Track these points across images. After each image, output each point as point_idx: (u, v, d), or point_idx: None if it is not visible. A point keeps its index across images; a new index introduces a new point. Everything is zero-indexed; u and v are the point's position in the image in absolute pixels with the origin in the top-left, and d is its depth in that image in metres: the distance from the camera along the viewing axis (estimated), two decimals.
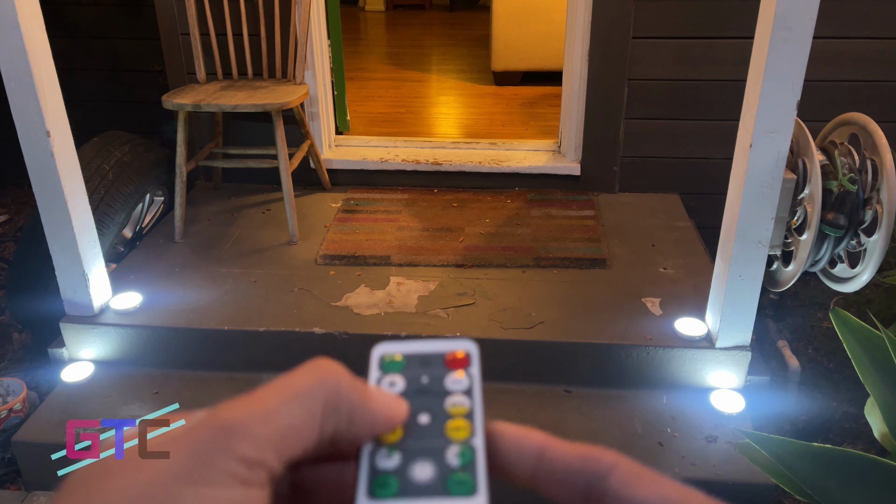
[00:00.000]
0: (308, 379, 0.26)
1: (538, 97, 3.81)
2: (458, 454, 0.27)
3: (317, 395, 0.26)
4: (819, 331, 2.14)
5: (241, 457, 0.24)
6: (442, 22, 6.26)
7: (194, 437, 0.24)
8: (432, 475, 0.26)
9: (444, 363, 0.30)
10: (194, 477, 0.23)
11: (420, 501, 0.26)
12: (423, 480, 0.26)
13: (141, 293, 2.00)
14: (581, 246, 2.26)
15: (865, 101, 2.40)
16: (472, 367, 0.30)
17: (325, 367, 0.27)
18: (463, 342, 0.31)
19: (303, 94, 2.25)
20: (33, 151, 1.70)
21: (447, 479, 0.26)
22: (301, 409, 0.26)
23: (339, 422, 0.26)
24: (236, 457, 0.24)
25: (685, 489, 0.25)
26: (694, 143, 2.55)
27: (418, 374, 0.30)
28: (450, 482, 0.26)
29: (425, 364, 0.30)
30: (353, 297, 2.00)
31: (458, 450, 0.27)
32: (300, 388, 0.26)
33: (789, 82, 1.49)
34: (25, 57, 1.60)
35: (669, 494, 0.25)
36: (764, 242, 1.65)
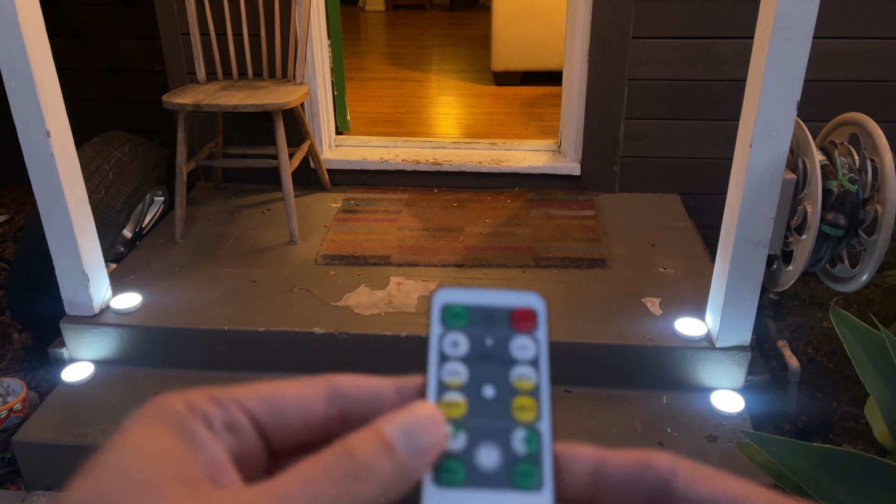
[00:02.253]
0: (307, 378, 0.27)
1: (538, 97, 3.81)
2: (525, 440, 0.26)
3: (318, 380, 0.27)
4: (819, 331, 2.14)
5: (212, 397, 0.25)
6: (442, 22, 6.26)
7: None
8: (498, 462, 0.25)
9: (510, 321, 0.28)
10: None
11: (486, 493, 0.25)
12: (489, 468, 0.25)
13: (141, 293, 2.00)
14: (581, 246, 2.26)
15: (865, 100, 2.40)
16: (538, 329, 0.28)
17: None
18: (529, 296, 0.29)
19: (303, 94, 2.25)
20: (33, 151, 1.70)
21: (513, 468, 0.25)
22: (296, 383, 0.26)
23: (347, 400, 0.26)
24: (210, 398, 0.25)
25: (750, 485, 0.24)
26: (694, 143, 2.55)
27: (482, 333, 0.28)
28: (516, 472, 0.25)
29: (489, 321, 0.28)
30: (353, 297, 2.00)
31: (525, 434, 0.26)
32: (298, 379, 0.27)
33: (789, 82, 1.49)
34: (25, 57, 1.60)
35: (738, 490, 0.24)
36: (764, 242, 1.65)
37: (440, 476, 0.25)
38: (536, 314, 0.28)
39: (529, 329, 0.28)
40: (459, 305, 0.29)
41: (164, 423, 0.24)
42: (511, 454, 0.25)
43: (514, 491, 0.25)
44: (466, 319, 0.28)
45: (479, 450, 0.25)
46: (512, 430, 0.26)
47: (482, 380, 0.27)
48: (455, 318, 0.28)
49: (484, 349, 0.28)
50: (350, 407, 0.27)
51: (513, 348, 0.28)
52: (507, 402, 0.26)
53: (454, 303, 0.29)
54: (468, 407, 0.26)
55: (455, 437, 0.26)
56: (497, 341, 0.28)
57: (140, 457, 0.23)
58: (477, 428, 0.26)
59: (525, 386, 0.27)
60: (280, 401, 0.26)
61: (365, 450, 0.24)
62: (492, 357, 0.27)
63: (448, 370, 0.27)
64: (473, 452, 0.25)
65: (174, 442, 0.23)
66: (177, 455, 0.23)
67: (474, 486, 0.25)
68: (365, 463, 0.23)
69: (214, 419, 0.25)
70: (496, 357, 0.27)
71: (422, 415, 0.25)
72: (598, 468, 0.26)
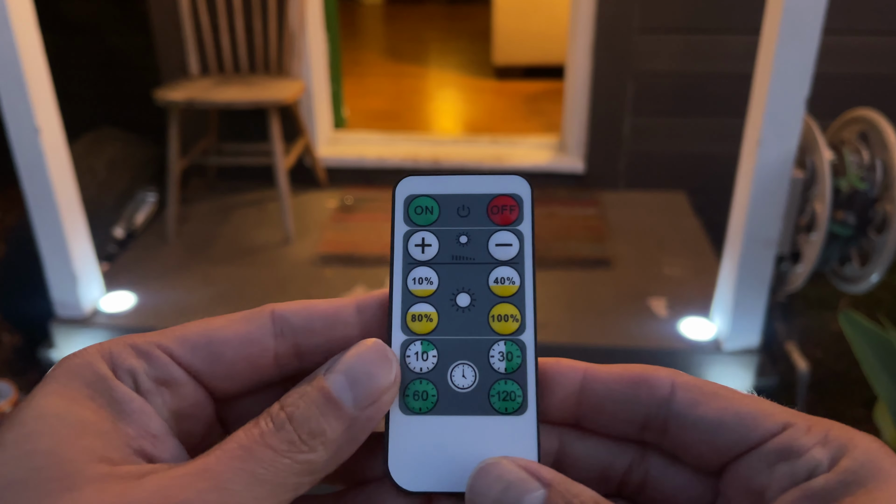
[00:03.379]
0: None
1: (541, 92, 3.76)
2: (504, 355, 0.23)
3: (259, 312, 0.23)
4: (828, 333, 2.10)
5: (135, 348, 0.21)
6: (441, 15, 6.21)
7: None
8: (474, 382, 0.22)
9: (487, 212, 0.24)
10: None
11: (461, 419, 0.22)
12: (464, 390, 0.22)
13: (133, 294, 1.97)
14: (585, 245, 2.22)
15: (876, 97, 2.36)
16: (522, 221, 0.24)
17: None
18: (511, 181, 0.25)
19: (299, 90, 2.20)
20: (23, 149, 1.67)
21: (490, 388, 0.22)
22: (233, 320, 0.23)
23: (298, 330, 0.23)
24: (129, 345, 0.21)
25: (762, 402, 0.21)
26: (701, 140, 2.51)
27: (455, 229, 0.24)
28: (493, 393, 0.22)
29: (464, 213, 0.24)
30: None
31: (504, 348, 0.23)
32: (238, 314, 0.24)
33: (798, 78, 1.46)
34: (15, 52, 1.57)
35: (747, 409, 0.21)
36: (772, 242, 1.63)
37: (408, 402, 0.22)
38: (520, 202, 0.24)
39: (511, 221, 0.24)
40: (427, 197, 0.25)
41: (80, 387, 0.20)
42: (489, 372, 0.23)
43: (492, 415, 0.22)
44: (436, 214, 0.24)
45: (453, 369, 0.23)
46: (490, 345, 0.23)
47: (455, 286, 0.23)
48: (423, 212, 0.24)
49: (457, 249, 0.24)
50: (304, 338, 0.23)
51: (491, 246, 0.24)
52: (485, 311, 0.23)
53: (421, 193, 0.25)
54: (439, 319, 0.23)
55: (424, 355, 0.23)
56: (473, 238, 0.24)
57: (51, 434, 0.19)
58: (450, 343, 0.23)
59: (506, 291, 0.23)
60: (217, 344, 0.22)
61: (306, 411, 0.20)
62: (467, 258, 0.24)
63: (415, 276, 0.24)
64: (446, 372, 0.23)
65: (94, 410, 0.20)
66: (98, 428, 0.19)
67: (447, 412, 0.22)
68: (308, 427, 0.20)
69: (141, 376, 0.21)
70: (472, 257, 0.24)
71: (367, 354, 0.22)
72: (587, 387, 0.22)
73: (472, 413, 0.22)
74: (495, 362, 0.23)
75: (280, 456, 0.19)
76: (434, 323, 0.23)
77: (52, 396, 0.20)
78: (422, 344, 0.23)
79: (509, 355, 0.23)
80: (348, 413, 0.21)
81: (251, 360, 0.23)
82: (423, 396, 0.22)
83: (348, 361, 0.21)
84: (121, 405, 0.20)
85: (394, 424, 0.22)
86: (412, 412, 0.22)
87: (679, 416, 0.22)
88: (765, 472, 0.20)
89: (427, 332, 0.23)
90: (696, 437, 0.21)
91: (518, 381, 0.22)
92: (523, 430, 0.22)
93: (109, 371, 0.21)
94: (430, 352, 0.23)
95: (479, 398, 0.22)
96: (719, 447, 0.21)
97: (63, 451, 0.18)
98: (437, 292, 0.23)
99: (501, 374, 0.23)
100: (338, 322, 0.23)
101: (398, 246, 0.24)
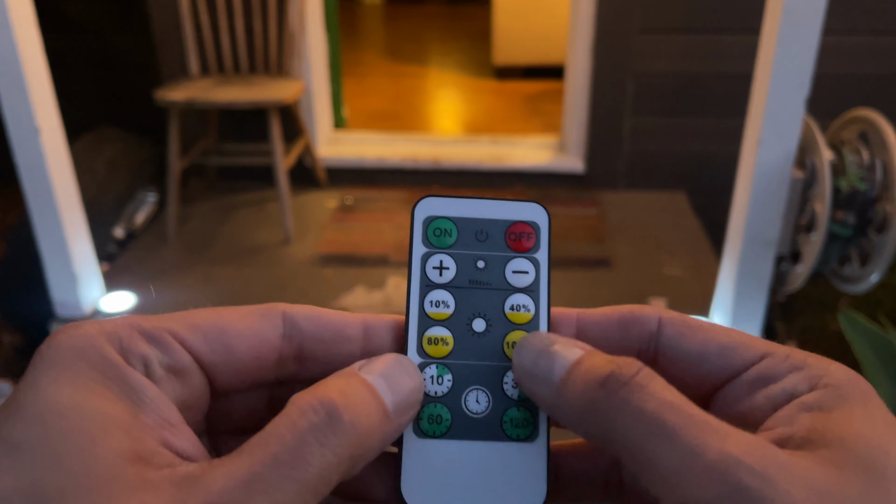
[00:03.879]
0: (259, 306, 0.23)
1: (540, 92, 3.76)
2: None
3: (272, 310, 0.23)
4: (828, 333, 2.10)
5: (145, 332, 0.20)
6: (441, 15, 6.21)
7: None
8: (487, 408, 0.23)
9: (505, 238, 0.25)
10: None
11: (474, 444, 0.22)
12: (477, 415, 0.23)
13: (133, 294, 1.97)
14: (584, 245, 2.22)
15: (875, 97, 2.36)
16: (539, 249, 0.25)
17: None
18: (530, 208, 0.25)
19: (299, 90, 2.20)
20: (23, 149, 1.67)
21: (503, 414, 0.23)
22: (246, 314, 0.23)
23: (306, 336, 0.23)
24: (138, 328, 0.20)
25: (740, 335, 0.22)
26: (701, 140, 2.51)
27: (473, 253, 0.24)
28: (506, 419, 0.23)
29: (482, 237, 0.24)
30: (350, 298, 1.96)
31: None
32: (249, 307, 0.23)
33: (797, 77, 1.47)
34: (15, 52, 1.57)
35: (727, 341, 0.22)
36: (772, 242, 1.63)
37: (423, 425, 0.22)
38: (538, 230, 0.25)
39: (529, 249, 0.25)
40: (446, 219, 0.25)
41: (92, 374, 0.18)
42: (502, 398, 0.23)
43: (504, 441, 0.22)
44: (455, 237, 0.24)
45: (467, 394, 0.23)
46: (504, 371, 0.23)
47: (472, 311, 0.24)
48: (441, 234, 0.24)
49: (474, 273, 0.24)
50: (309, 344, 0.23)
51: (508, 272, 0.24)
52: (500, 337, 0.24)
53: (441, 216, 0.25)
54: (455, 343, 0.23)
55: (440, 378, 0.23)
56: (490, 263, 0.24)
57: (78, 432, 0.17)
58: (464, 368, 0.23)
59: (521, 318, 0.24)
60: (229, 336, 0.22)
61: (359, 404, 0.19)
62: (484, 283, 0.24)
63: (432, 299, 0.24)
64: (460, 397, 0.23)
65: (113, 401, 0.18)
66: (121, 420, 0.18)
67: (460, 436, 0.22)
68: (360, 421, 0.19)
69: (153, 362, 0.20)
70: (489, 283, 0.24)
71: (399, 364, 0.22)
72: (582, 329, 0.23)
73: (485, 438, 0.22)
74: (508, 389, 0.23)
75: (328, 451, 0.18)
76: (450, 347, 0.23)
77: (66, 386, 0.18)
78: (437, 368, 0.23)
79: None
80: (388, 414, 0.20)
81: (259, 357, 0.22)
82: (437, 420, 0.23)
83: (385, 366, 0.21)
84: (137, 394, 0.19)
85: (407, 447, 0.22)
86: (426, 435, 0.22)
87: (667, 349, 0.23)
88: (745, 398, 0.21)
89: (443, 356, 0.23)
90: (682, 368, 0.22)
91: (530, 408, 0.23)
92: (534, 457, 0.22)
93: (119, 356, 0.19)
94: (446, 376, 0.23)
95: (492, 424, 0.23)
96: (703, 376, 0.22)
97: (95, 451, 0.17)
98: (453, 316, 0.24)
99: (514, 400, 0.23)
100: (344, 337, 0.23)
101: (416, 267, 0.24)
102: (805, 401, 0.20)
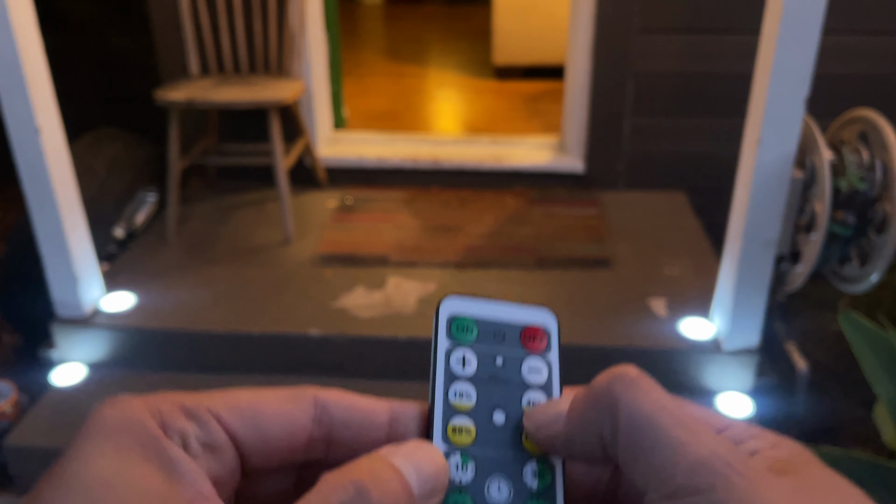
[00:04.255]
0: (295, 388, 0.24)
1: (541, 92, 3.76)
2: (537, 473, 0.24)
3: (305, 394, 0.24)
4: (828, 333, 2.10)
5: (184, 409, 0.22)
6: (441, 15, 6.21)
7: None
8: (508, 497, 0.23)
9: (521, 339, 0.26)
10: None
11: None
12: (499, 503, 0.23)
13: (134, 294, 1.96)
14: (584, 245, 2.22)
15: (875, 97, 2.36)
16: (550, 351, 0.27)
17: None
18: (541, 313, 0.27)
19: (299, 90, 2.20)
20: (23, 148, 1.67)
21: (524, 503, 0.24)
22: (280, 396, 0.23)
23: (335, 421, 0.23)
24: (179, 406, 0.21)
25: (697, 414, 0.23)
26: (701, 140, 2.51)
27: (492, 351, 0.26)
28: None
29: (500, 337, 0.26)
30: (350, 298, 1.96)
31: (537, 468, 0.24)
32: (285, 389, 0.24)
33: (797, 77, 1.46)
34: (16, 52, 1.57)
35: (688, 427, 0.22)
36: (772, 241, 1.63)
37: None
38: (549, 334, 0.27)
39: (541, 350, 0.26)
40: (469, 318, 0.26)
41: (134, 446, 0.20)
42: (523, 489, 0.24)
43: None
44: (475, 334, 0.26)
45: (490, 483, 0.24)
46: (524, 463, 0.24)
47: (492, 404, 0.25)
48: (464, 331, 0.26)
49: (494, 369, 0.25)
50: (338, 429, 0.24)
51: (525, 370, 0.26)
52: (519, 430, 0.25)
53: (463, 315, 0.26)
54: (477, 434, 0.24)
55: (464, 467, 0.24)
56: (507, 361, 0.26)
57: (120, 501, 0.18)
58: (486, 458, 0.24)
59: None
60: (264, 417, 0.23)
61: (384, 483, 0.20)
62: (502, 379, 0.25)
63: (456, 390, 0.25)
64: (483, 486, 0.23)
65: (152, 473, 0.19)
66: (159, 492, 0.19)
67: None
68: (384, 498, 0.20)
69: (191, 438, 0.21)
70: (507, 379, 0.25)
71: (426, 451, 0.22)
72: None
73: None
74: (528, 479, 0.24)
75: None
76: (472, 437, 0.24)
77: (111, 458, 0.19)
78: (461, 456, 0.24)
79: (541, 474, 0.24)
80: (414, 498, 0.21)
81: (291, 440, 0.23)
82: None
83: (413, 452, 0.22)
84: (175, 466, 0.20)
85: None
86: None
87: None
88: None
89: (466, 445, 0.24)
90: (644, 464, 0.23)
91: (549, 498, 0.24)
92: None
93: (160, 430, 0.21)
94: (469, 464, 0.23)
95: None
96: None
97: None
98: (475, 408, 0.24)
99: (533, 491, 0.24)
100: (372, 423, 0.24)
101: (440, 360, 0.25)
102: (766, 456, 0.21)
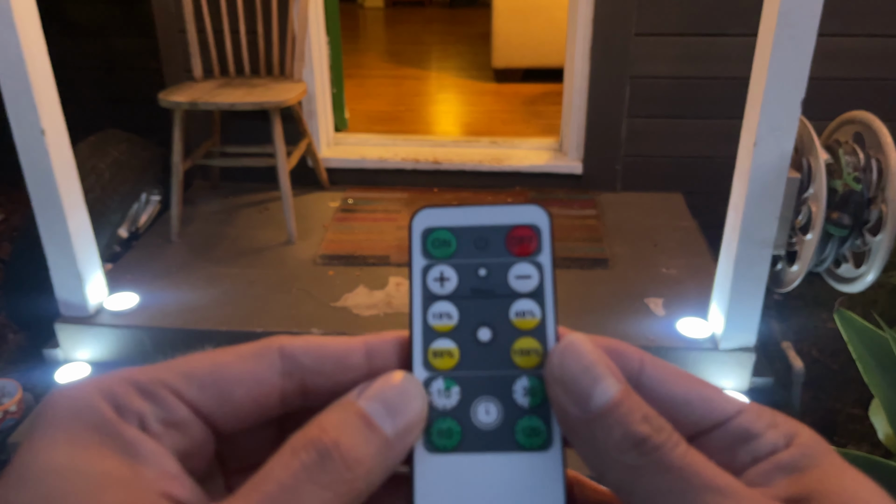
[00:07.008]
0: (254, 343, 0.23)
1: (539, 95, 3.78)
2: (528, 390, 0.22)
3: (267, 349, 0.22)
4: (823, 332, 2.12)
5: (139, 387, 0.20)
6: (442, 18, 6.23)
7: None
8: (498, 419, 0.22)
9: (506, 244, 0.24)
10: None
11: (486, 456, 0.22)
12: (488, 426, 0.22)
13: (137, 294, 1.98)
14: (582, 246, 2.24)
15: (870, 99, 2.38)
16: (541, 252, 0.24)
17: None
18: (530, 210, 0.24)
19: (301, 92, 2.22)
20: (28, 150, 1.68)
21: (515, 424, 0.22)
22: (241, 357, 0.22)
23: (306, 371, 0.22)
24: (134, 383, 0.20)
25: (710, 384, 0.22)
26: (697, 142, 2.52)
27: (474, 262, 0.23)
28: (519, 430, 0.22)
29: (482, 245, 0.24)
30: (352, 298, 1.98)
31: (528, 383, 0.22)
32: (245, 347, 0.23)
33: (793, 80, 1.47)
34: (20, 54, 1.58)
35: (702, 390, 0.22)
36: (768, 242, 1.63)
37: (432, 440, 0.22)
38: (539, 233, 0.24)
39: (530, 252, 0.24)
40: (444, 229, 0.24)
41: (87, 433, 0.19)
42: (513, 408, 0.22)
43: (518, 452, 0.22)
44: (454, 246, 0.24)
45: (476, 405, 0.22)
46: (513, 380, 0.22)
47: (476, 321, 0.23)
48: (440, 245, 0.24)
49: (477, 282, 0.23)
50: (311, 379, 0.22)
51: (511, 278, 0.23)
52: (507, 345, 0.23)
53: (438, 226, 0.24)
54: (461, 355, 0.23)
55: (447, 392, 0.22)
56: (492, 271, 0.23)
57: (75, 492, 0.17)
58: (472, 380, 0.22)
59: (527, 325, 0.23)
60: (226, 382, 0.21)
61: (351, 438, 0.20)
62: (486, 291, 0.23)
63: (435, 311, 0.23)
64: (469, 409, 0.22)
65: (110, 458, 0.18)
66: (119, 477, 0.18)
67: (472, 449, 0.22)
68: (354, 454, 0.19)
69: (149, 418, 0.20)
70: (491, 291, 0.23)
71: (398, 385, 0.21)
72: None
73: (498, 450, 0.22)
74: (519, 398, 0.22)
75: (323, 490, 0.19)
76: (455, 359, 0.23)
77: (62, 446, 0.18)
78: (444, 381, 0.22)
79: (532, 390, 0.22)
80: (388, 440, 0.20)
81: (258, 400, 0.22)
82: (447, 434, 0.22)
83: (383, 389, 0.21)
84: (134, 448, 0.19)
85: (419, 463, 0.22)
86: (437, 450, 0.22)
87: (649, 391, 0.22)
88: (728, 450, 0.22)
89: (449, 369, 0.22)
90: (664, 411, 0.22)
91: (543, 416, 0.22)
92: (549, 466, 0.22)
93: (114, 413, 0.19)
94: (453, 388, 0.22)
95: (503, 435, 0.22)
96: (685, 423, 0.22)
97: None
98: (457, 327, 0.23)
99: (525, 409, 0.22)
100: (346, 366, 0.23)
101: (416, 280, 0.23)
102: (781, 459, 0.21)
